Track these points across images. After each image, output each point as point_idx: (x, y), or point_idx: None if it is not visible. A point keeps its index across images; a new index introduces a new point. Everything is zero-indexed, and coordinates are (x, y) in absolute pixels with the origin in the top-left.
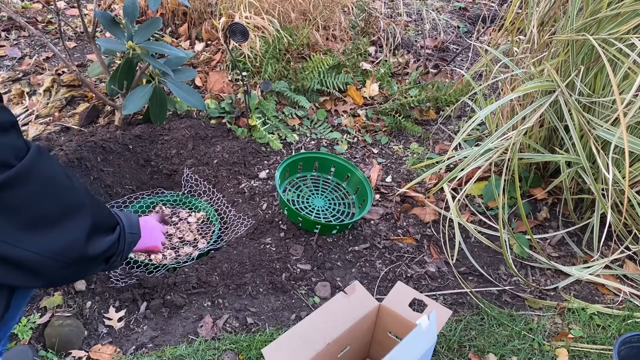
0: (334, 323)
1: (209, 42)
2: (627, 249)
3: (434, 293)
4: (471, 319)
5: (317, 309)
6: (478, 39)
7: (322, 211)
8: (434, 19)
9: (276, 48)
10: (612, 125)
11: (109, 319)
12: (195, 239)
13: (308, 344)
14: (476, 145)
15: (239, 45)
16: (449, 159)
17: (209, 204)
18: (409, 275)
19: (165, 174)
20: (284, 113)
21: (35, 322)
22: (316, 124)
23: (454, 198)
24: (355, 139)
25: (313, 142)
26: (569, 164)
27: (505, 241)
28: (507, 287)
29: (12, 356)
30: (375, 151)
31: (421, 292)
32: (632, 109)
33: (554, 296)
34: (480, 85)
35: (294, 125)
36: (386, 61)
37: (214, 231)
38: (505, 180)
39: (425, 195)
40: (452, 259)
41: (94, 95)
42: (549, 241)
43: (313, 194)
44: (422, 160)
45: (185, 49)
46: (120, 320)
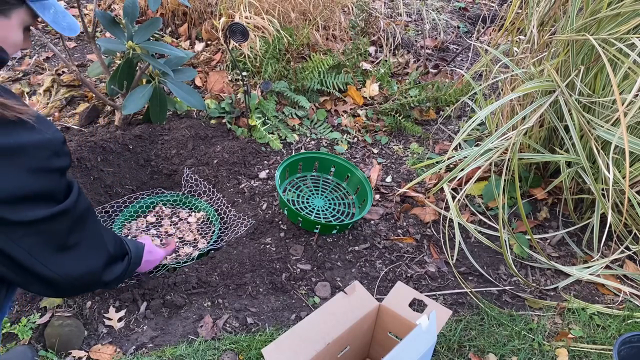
0: (334, 323)
1: (209, 42)
2: (627, 249)
3: (434, 293)
4: (471, 319)
5: (317, 309)
6: (478, 39)
7: (322, 211)
8: (434, 19)
9: (276, 48)
10: (612, 125)
11: (109, 319)
12: (195, 239)
13: (308, 344)
14: (476, 145)
15: (239, 45)
16: (449, 159)
17: (209, 204)
18: (409, 275)
19: (165, 174)
20: (284, 113)
21: (35, 322)
22: (316, 124)
23: (454, 198)
24: (355, 139)
25: (313, 142)
26: (569, 164)
27: (505, 241)
28: (507, 287)
29: (12, 356)
30: (375, 151)
31: (421, 292)
32: (632, 109)
33: (554, 296)
34: (480, 85)
35: (294, 125)
36: (386, 61)
37: (214, 231)
38: (505, 180)
39: (425, 195)
40: (452, 259)
41: (94, 95)
42: (549, 241)
43: (313, 194)
44: (422, 160)
45: (185, 49)
46: (120, 320)
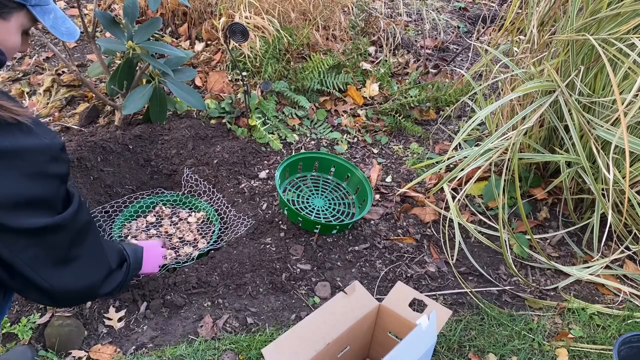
0: (334, 323)
1: (209, 42)
2: (627, 249)
3: (434, 293)
4: (471, 319)
5: (317, 309)
6: (478, 39)
7: (322, 211)
8: (434, 19)
9: (276, 48)
10: (612, 125)
11: (109, 319)
12: (195, 239)
13: (308, 344)
14: (476, 145)
15: (239, 45)
16: (449, 159)
17: (209, 204)
18: (409, 275)
19: (165, 174)
20: (284, 113)
21: (35, 322)
22: (316, 124)
23: (454, 198)
24: (355, 139)
25: (313, 142)
26: (569, 164)
27: (505, 241)
28: (507, 287)
29: (12, 356)
30: (375, 151)
31: (421, 292)
32: (632, 109)
33: (554, 296)
34: (480, 85)
35: (294, 125)
36: (386, 61)
37: (214, 231)
38: (505, 180)
39: (425, 195)
40: (452, 259)
41: (94, 95)
42: (549, 241)
43: (313, 194)
44: (422, 160)
45: (185, 49)
46: (120, 320)
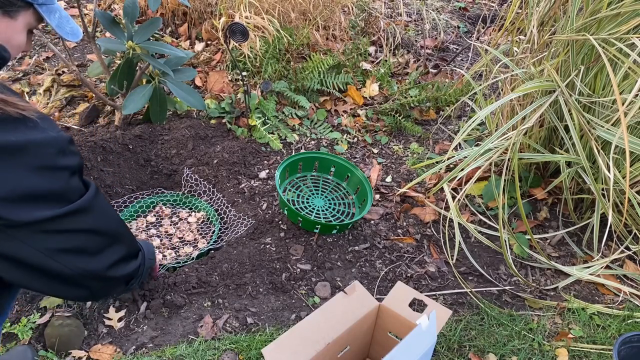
0: (334, 323)
1: (209, 42)
2: (627, 249)
3: (434, 293)
4: (471, 319)
5: (317, 309)
6: (478, 39)
7: (322, 211)
8: (434, 19)
9: (276, 48)
10: (612, 125)
11: (109, 319)
12: (195, 239)
13: (308, 344)
14: (476, 145)
15: (239, 45)
16: (449, 159)
17: (209, 204)
18: (409, 275)
19: (165, 174)
20: (284, 113)
21: (35, 322)
22: (316, 124)
23: (454, 198)
24: (355, 139)
25: (313, 142)
26: (569, 164)
27: (505, 241)
28: (507, 287)
29: (12, 356)
30: (375, 151)
31: (421, 292)
32: (632, 109)
33: (554, 296)
34: (480, 85)
35: (294, 125)
36: (386, 61)
37: (214, 231)
38: (505, 180)
39: (425, 195)
40: (452, 259)
41: (94, 95)
42: (549, 241)
43: (313, 194)
44: (422, 160)
45: (185, 49)
46: (120, 320)
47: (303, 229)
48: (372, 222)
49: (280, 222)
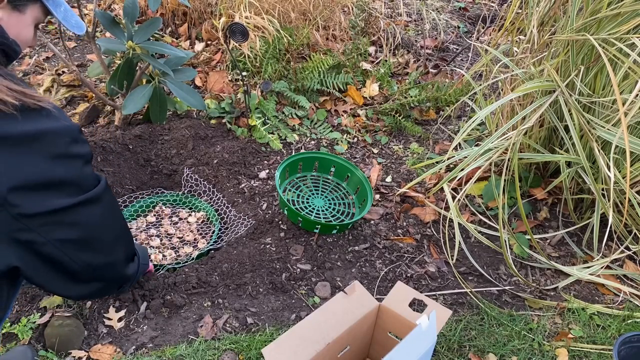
0: (334, 323)
1: (209, 42)
2: (627, 249)
3: (434, 293)
4: (471, 319)
5: (317, 309)
6: (478, 39)
7: (322, 211)
8: (434, 19)
9: (276, 48)
10: (612, 125)
11: (109, 319)
12: (195, 239)
13: (308, 344)
14: (476, 145)
15: (239, 45)
16: (449, 159)
17: (209, 204)
18: (409, 275)
19: (165, 174)
20: (284, 113)
21: (35, 322)
22: (316, 124)
23: (454, 198)
24: (355, 139)
25: (313, 142)
26: (569, 164)
27: (505, 241)
28: (507, 287)
29: (12, 356)
30: (375, 151)
31: (421, 292)
32: (632, 109)
33: (554, 296)
34: (480, 85)
35: (294, 125)
36: (386, 61)
37: (214, 231)
38: (505, 180)
39: (425, 195)
40: (452, 259)
41: (94, 95)
42: (549, 241)
43: (313, 194)
44: (422, 160)
45: (185, 49)
46: (120, 320)
47: (303, 229)
48: (372, 222)
49: (280, 222)
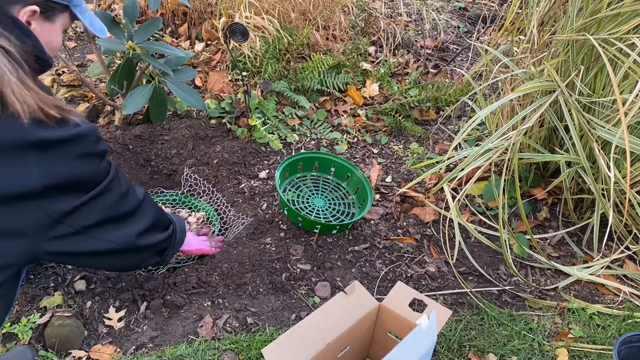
0: (334, 323)
1: (209, 42)
2: (627, 249)
3: (434, 293)
4: (471, 319)
5: (317, 309)
6: (478, 39)
7: (322, 211)
8: (434, 19)
9: (276, 48)
10: (612, 125)
11: (109, 319)
12: None
13: (308, 344)
14: (476, 145)
15: (239, 45)
16: (449, 159)
17: (208, 203)
18: (409, 275)
19: (165, 173)
20: (284, 113)
21: (35, 322)
22: (316, 124)
23: (454, 198)
24: (355, 139)
25: (313, 142)
26: (569, 164)
27: (505, 241)
28: (507, 287)
29: (12, 356)
30: (375, 151)
31: (421, 292)
32: (632, 109)
33: (554, 296)
34: (480, 85)
35: (294, 125)
36: (386, 61)
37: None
38: (505, 180)
39: (425, 195)
40: (452, 259)
41: (94, 95)
42: (549, 241)
43: (313, 194)
44: (422, 160)
45: (185, 49)
46: (120, 320)
47: (303, 229)
48: (372, 222)
49: (280, 222)
